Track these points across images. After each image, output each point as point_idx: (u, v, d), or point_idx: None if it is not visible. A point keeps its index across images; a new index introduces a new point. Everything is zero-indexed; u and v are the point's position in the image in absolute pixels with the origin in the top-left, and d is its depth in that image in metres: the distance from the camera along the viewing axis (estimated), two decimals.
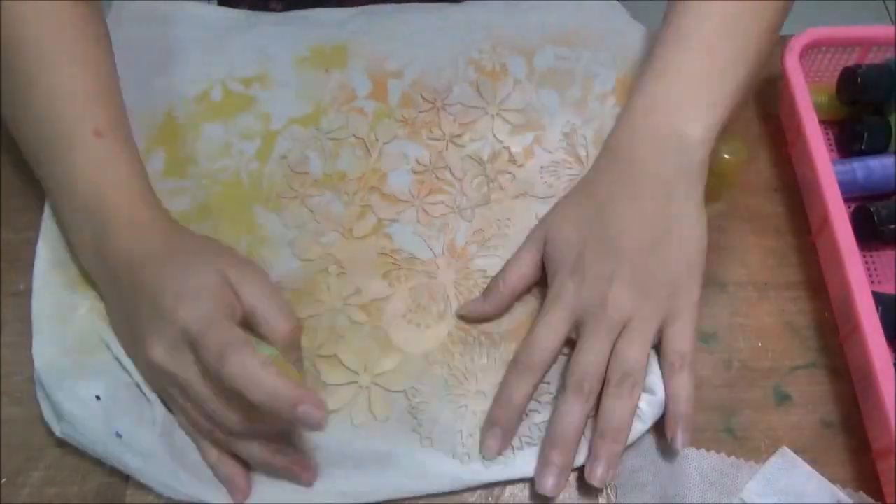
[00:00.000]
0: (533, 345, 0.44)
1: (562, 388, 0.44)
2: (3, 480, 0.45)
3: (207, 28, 0.58)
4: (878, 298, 0.47)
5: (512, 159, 0.53)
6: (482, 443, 0.44)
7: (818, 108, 0.54)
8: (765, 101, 0.60)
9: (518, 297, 0.48)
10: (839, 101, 0.57)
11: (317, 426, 0.38)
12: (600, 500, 0.45)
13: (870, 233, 0.52)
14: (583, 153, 0.53)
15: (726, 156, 0.51)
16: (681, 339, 0.44)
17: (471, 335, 0.48)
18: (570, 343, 0.46)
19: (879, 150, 0.55)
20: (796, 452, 0.46)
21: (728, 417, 0.48)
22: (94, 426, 0.43)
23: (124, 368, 0.45)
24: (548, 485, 0.43)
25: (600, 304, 0.43)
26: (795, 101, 0.53)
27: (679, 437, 0.44)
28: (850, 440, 0.47)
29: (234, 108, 0.55)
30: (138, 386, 0.44)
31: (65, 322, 0.47)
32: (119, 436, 0.43)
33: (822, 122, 0.56)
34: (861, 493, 0.45)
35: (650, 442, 0.46)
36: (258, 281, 0.43)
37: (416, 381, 0.46)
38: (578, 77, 0.56)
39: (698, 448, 0.46)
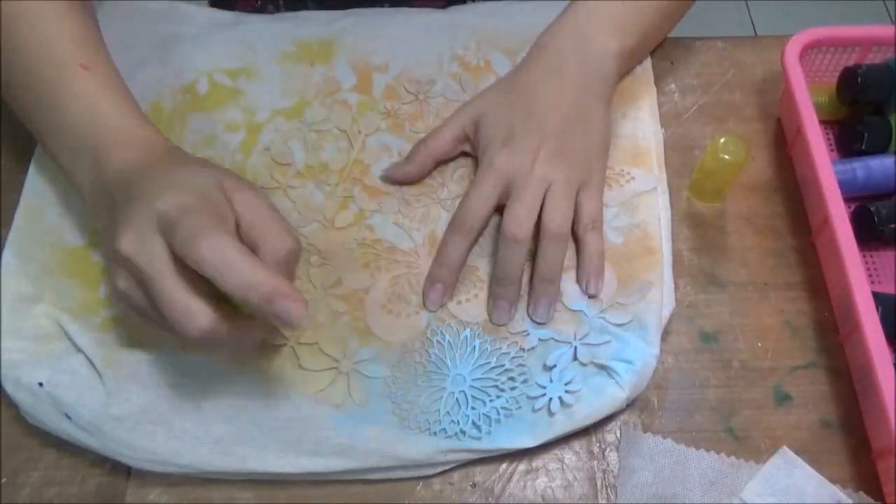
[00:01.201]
0: (467, 208, 0.49)
1: (499, 243, 0.48)
2: (3, 480, 0.46)
3: (195, 25, 0.59)
4: (878, 298, 0.47)
5: None
6: (426, 297, 0.49)
7: (818, 108, 0.54)
8: (765, 101, 0.60)
9: (436, 163, 0.53)
10: (839, 101, 0.57)
11: (295, 321, 0.37)
12: (600, 500, 0.45)
13: (870, 233, 0.52)
14: None
15: (726, 156, 0.51)
16: (592, 204, 0.50)
17: (450, 325, 0.48)
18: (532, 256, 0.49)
19: (879, 150, 0.55)
20: (796, 452, 0.46)
21: (728, 417, 0.48)
22: (45, 410, 0.45)
23: (77, 349, 0.46)
24: (496, 316, 0.48)
25: (528, 171, 0.49)
26: (795, 101, 0.53)
27: (592, 283, 0.49)
28: (850, 440, 0.47)
29: (220, 100, 0.56)
30: (91, 363, 0.46)
31: (23, 316, 0.47)
32: (68, 417, 0.44)
33: (822, 122, 0.56)
34: (861, 493, 0.45)
35: (650, 442, 0.46)
36: (258, 197, 0.42)
37: (395, 369, 0.47)
38: None
39: (698, 448, 0.46)
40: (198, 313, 0.37)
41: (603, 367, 0.47)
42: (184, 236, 0.37)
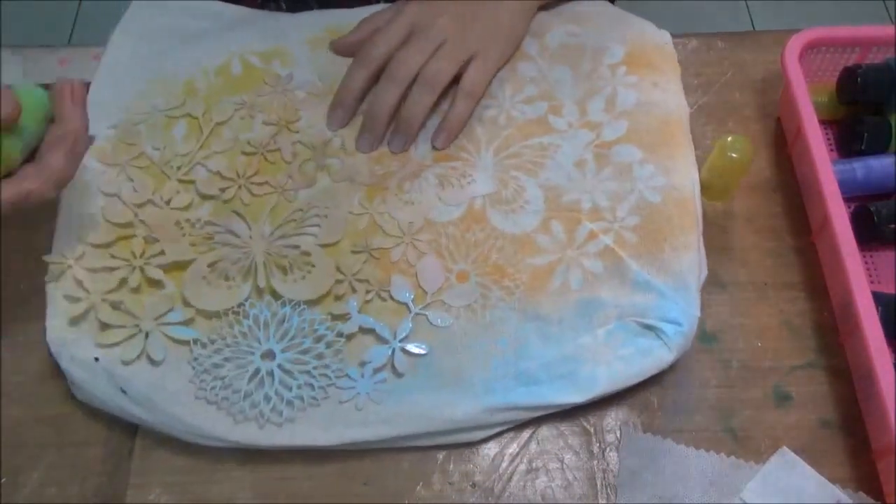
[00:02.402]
0: (374, 43, 0.54)
1: (382, 79, 0.53)
2: (3, 480, 0.46)
3: (220, 19, 0.60)
4: (878, 298, 0.47)
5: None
6: (329, 120, 0.54)
7: (818, 108, 0.54)
8: (765, 101, 0.60)
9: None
10: (839, 101, 0.57)
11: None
12: (600, 500, 0.45)
13: (870, 233, 0.52)
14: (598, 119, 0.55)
15: (733, 155, 0.51)
16: (478, 75, 0.54)
17: (271, 300, 0.48)
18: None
19: (879, 150, 0.55)
20: (796, 452, 0.46)
21: (728, 417, 0.48)
22: (100, 385, 0.45)
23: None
24: (359, 144, 0.53)
25: (429, 24, 0.53)
26: (795, 101, 0.53)
27: (441, 138, 0.53)
28: (850, 440, 0.47)
29: (254, 82, 0.56)
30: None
31: (75, 301, 0.47)
32: (123, 391, 0.45)
33: (822, 122, 0.56)
34: (861, 493, 0.45)
35: (650, 442, 0.46)
36: None
37: (210, 333, 0.46)
38: (588, 51, 0.57)
39: (698, 448, 0.46)
40: None
41: (649, 328, 0.47)
42: None
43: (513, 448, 0.47)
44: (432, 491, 0.46)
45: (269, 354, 0.46)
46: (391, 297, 0.48)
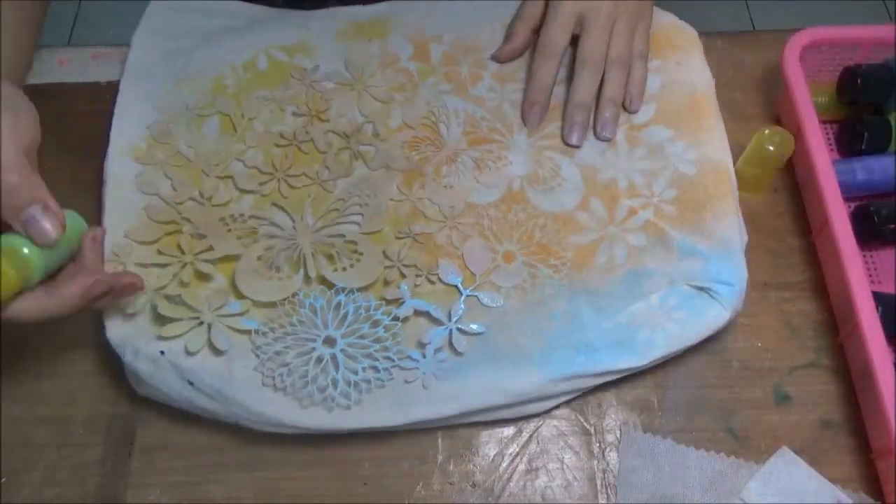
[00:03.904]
0: (549, 36, 0.55)
1: (576, 68, 0.55)
2: (3, 480, 0.46)
3: (242, 18, 0.60)
4: (878, 298, 0.47)
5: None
6: (526, 119, 0.55)
7: (818, 108, 0.54)
8: (765, 101, 0.60)
9: (534, 32, 0.57)
10: (839, 101, 0.57)
11: (42, 238, 0.39)
12: (600, 500, 0.45)
13: (870, 233, 0.52)
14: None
15: (771, 147, 0.52)
16: (643, 39, 0.57)
17: (324, 289, 0.48)
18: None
19: (879, 150, 0.55)
20: (796, 452, 0.46)
21: (728, 417, 0.48)
22: (167, 378, 0.45)
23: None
24: (573, 138, 0.54)
25: (597, 8, 0.55)
26: (795, 101, 0.53)
27: (634, 101, 0.55)
28: (850, 440, 0.47)
29: (281, 76, 0.56)
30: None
31: (134, 297, 0.47)
32: (190, 383, 0.45)
33: (822, 122, 0.56)
34: (861, 493, 0.45)
35: (650, 442, 0.46)
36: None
37: (268, 322, 0.47)
38: None
39: (698, 448, 0.46)
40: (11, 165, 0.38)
41: (702, 289, 0.48)
42: None
43: (513, 448, 0.47)
44: (432, 491, 0.46)
45: (330, 341, 0.46)
46: (440, 280, 0.49)
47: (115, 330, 0.46)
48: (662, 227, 0.50)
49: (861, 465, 0.46)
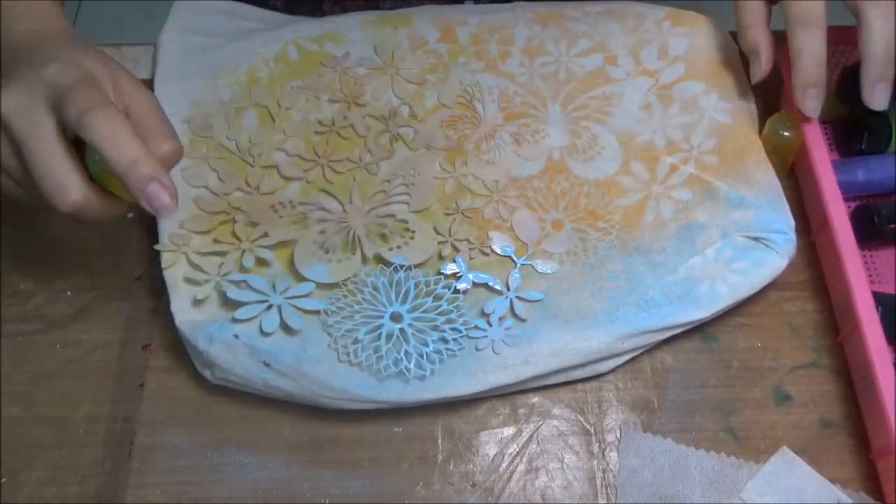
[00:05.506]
0: (813, 6, 0.48)
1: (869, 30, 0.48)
2: (3, 480, 0.46)
3: (265, 21, 0.61)
4: (878, 298, 0.47)
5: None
6: (804, 106, 0.50)
7: None
8: (765, 101, 0.60)
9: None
10: (839, 101, 0.57)
11: (159, 210, 0.39)
12: (600, 500, 0.45)
13: (870, 232, 0.52)
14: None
15: (786, 133, 0.52)
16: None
17: (383, 268, 0.48)
18: None
19: (879, 150, 0.55)
20: (796, 452, 0.46)
21: (728, 417, 0.48)
22: (243, 361, 0.46)
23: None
24: (879, 99, 0.48)
25: None
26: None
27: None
28: (850, 440, 0.47)
29: (312, 65, 0.57)
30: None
31: (197, 283, 0.47)
32: (267, 365, 0.45)
33: (822, 122, 0.56)
34: (861, 493, 0.45)
35: (650, 442, 0.46)
36: (149, 98, 0.43)
37: (334, 302, 0.47)
38: (630, 12, 0.60)
39: (698, 448, 0.46)
40: (72, 187, 0.39)
41: (757, 239, 0.49)
42: (79, 106, 0.38)
43: (513, 448, 0.47)
44: (432, 491, 0.46)
45: (396, 317, 0.47)
46: (493, 252, 0.49)
47: (185, 317, 0.46)
48: (707, 179, 0.51)
49: (861, 465, 0.46)
